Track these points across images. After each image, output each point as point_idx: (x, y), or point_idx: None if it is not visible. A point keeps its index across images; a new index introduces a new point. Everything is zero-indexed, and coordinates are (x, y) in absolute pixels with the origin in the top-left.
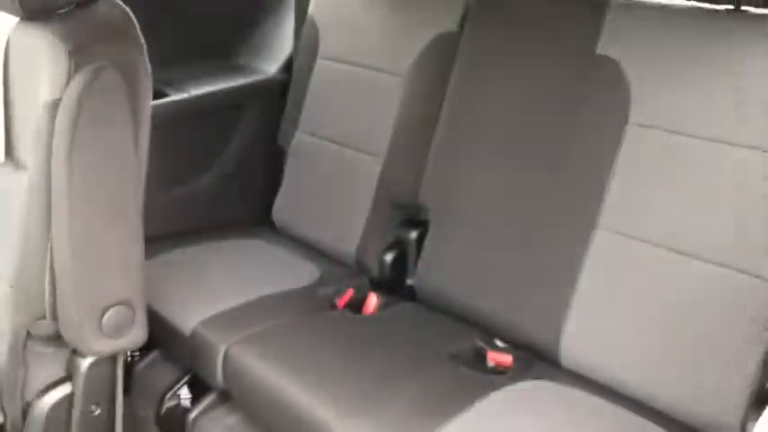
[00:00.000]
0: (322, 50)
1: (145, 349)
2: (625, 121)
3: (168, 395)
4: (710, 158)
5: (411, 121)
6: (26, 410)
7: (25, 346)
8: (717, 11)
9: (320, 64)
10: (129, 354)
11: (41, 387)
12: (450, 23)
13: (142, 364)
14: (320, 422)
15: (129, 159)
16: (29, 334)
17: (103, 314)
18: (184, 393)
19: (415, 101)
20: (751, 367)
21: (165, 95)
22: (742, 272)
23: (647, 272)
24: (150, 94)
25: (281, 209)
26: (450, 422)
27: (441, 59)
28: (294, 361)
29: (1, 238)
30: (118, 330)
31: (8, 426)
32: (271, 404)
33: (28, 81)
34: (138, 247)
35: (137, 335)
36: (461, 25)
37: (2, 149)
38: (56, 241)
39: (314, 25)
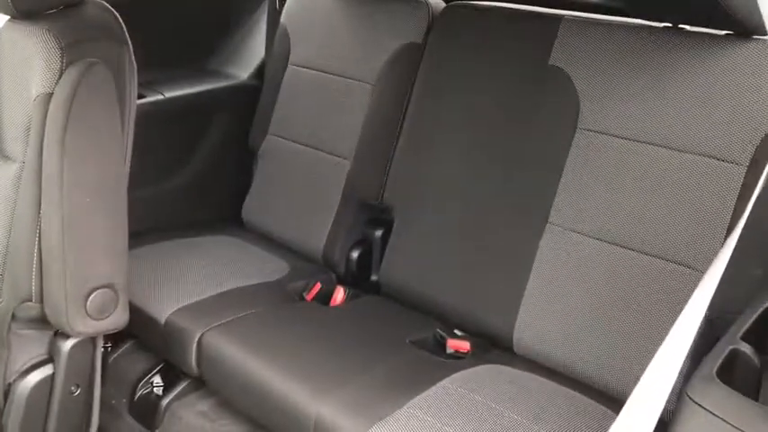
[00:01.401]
0: (293, 57)
1: (119, 340)
2: (574, 126)
3: (141, 383)
4: (650, 161)
5: (377, 125)
6: (7, 391)
7: (9, 328)
8: (657, 28)
9: (291, 70)
10: (103, 344)
11: (23, 368)
12: (415, 35)
13: (116, 354)
14: (291, 401)
15: (116, 151)
16: (13, 316)
17: (89, 296)
18: (157, 381)
19: (381, 106)
20: None
21: (142, 96)
22: (670, 261)
23: (591, 264)
24: (135, 91)
25: (251, 208)
26: (413, 399)
27: (406, 68)
28: (266, 347)
29: None
30: (102, 312)
31: None
32: (243, 388)
33: (17, 76)
34: (122, 235)
35: (119, 317)
36: (426, 36)
37: None
38: (45, 227)
39: (285, 33)
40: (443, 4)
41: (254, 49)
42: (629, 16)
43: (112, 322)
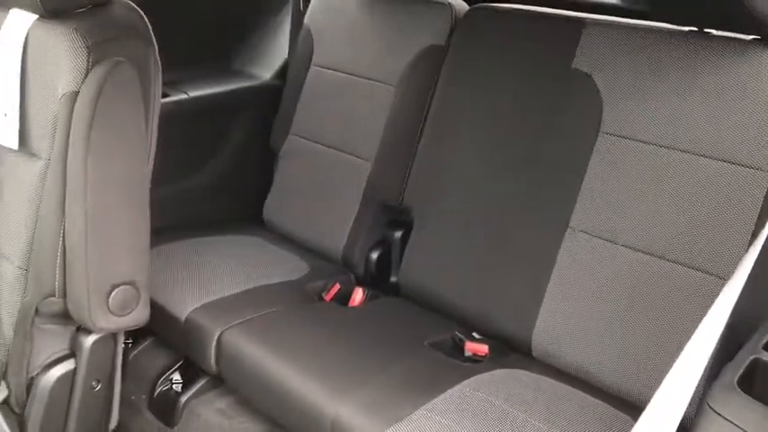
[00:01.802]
0: (316, 58)
1: (140, 336)
2: (597, 129)
3: (161, 379)
4: (673, 166)
5: (399, 126)
6: (30, 385)
7: (33, 323)
8: (682, 31)
9: (313, 71)
10: (123, 340)
11: (46, 362)
12: (438, 37)
13: (137, 350)
14: (309, 401)
15: (140, 150)
16: (37, 311)
17: (111, 293)
18: (177, 378)
19: (403, 108)
20: None
21: (166, 95)
22: (692, 267)
23: (612, 269)
24: (160, 90)
25: (272, 208)
26: (430, 401)
27: (428, 70)
28: (284, 346)
29: (9, 222)
30: (123, 309)
31: (12, 400)
32: (262, 386)
33: (45, 75)
34: (145, 232)
35: (140, 314)
36: (448, 38)
37: (16, 139)
38: (69, 224)
39: (309, 34)
40: (466, 7)
41: (278, 50)
42: (652, 20)
43: (133, 319)
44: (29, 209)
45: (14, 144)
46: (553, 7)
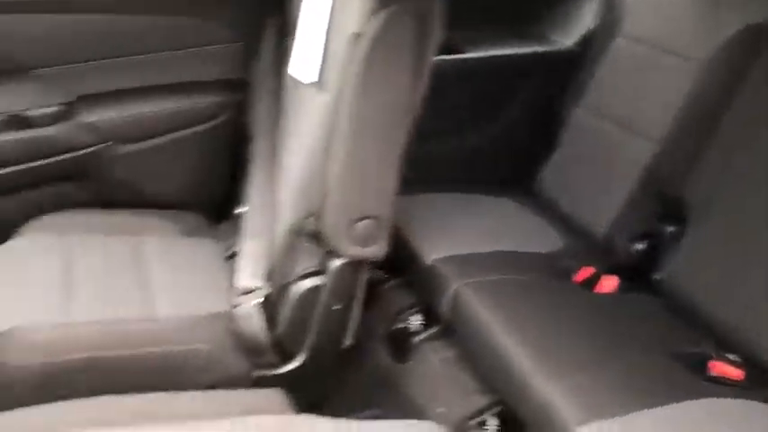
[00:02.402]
0: (624, 29)
1: (391, 273)
2: None
3: (401, 316)
4: None
5: (697, 111)
6: (283, 290)
7: (296, 238)
8: None
9: (618, 42)
10: (383, 275)
11: (299, 274)
12: (762, 15)
13: (386, 286)
14: (524, 375)
15: (405, 97)
16: (300, 229)
17: (356, 223)
18: (415, 319)
19: (706, 91)
20: None
21: (456, 51)
22: None
23: None
24: (436, 45)
25: (546, 178)
26: (644, 410)
27: (744, 52)
28: (516, 314)
29: (294, 148)
30: (365, 240)
31: (270, 299)
32: (483, 348)
33: (344, 13)
34: (394, 175)
35: (380, 248)
36: None
37: (316, 72)
38: (333, 155)
39: (619, 3)
40: None
41: (584, 17)
42: None
43: (373, 251)
44: (311, 136)
45: (312, 79)
46: None
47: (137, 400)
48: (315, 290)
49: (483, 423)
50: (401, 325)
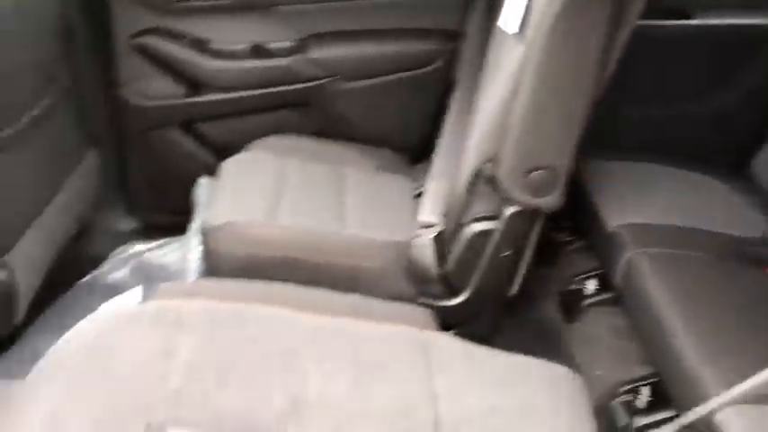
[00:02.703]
0: None
1: (576, 238)
2: None
3: (577, 278)
4: None
5: None
6: (456, 229)
7: (475, 182)
8: None
9: None
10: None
11: (474, 217)
12: None
13: (568, 248)
14: (683, 355)
15: (596, 55)
16: (479, 173)
17: (531, 172)
18: (590, 283)
19: None
20: None
21: (686, 17)
22: None
23: None
24: (640, 8)
25: (762, 163)
26: None
27: None
28: (687, 293)
29: (489, 95)
30: (539, 190)
31: (443, 236)
32: (648, 320)
33: None
34: (575, 132)
35: (554, 199)
36: None
37: (518, 23)
38: (516, 103)
39: None
40: None
41: None
42: None
43: (547, 202)
44: (502, 86)
45: (514, 30)
46: None
47: (313, 293)
48: (486, 233)
49: (636, 391)
50: (576, 287)
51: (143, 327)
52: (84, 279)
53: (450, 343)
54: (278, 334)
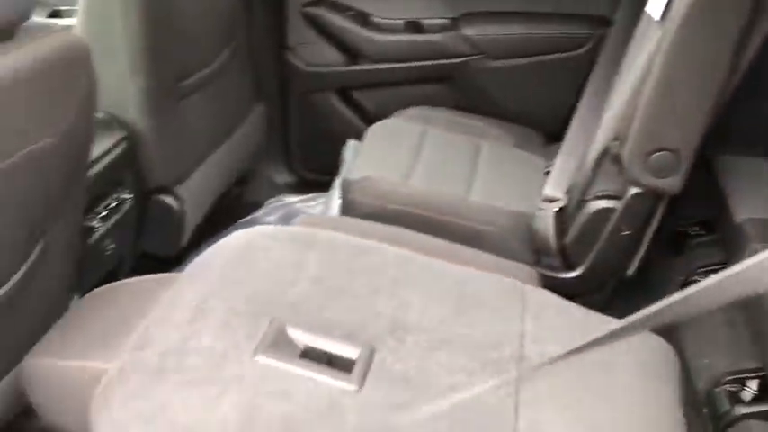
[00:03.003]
0: None
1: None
2: None
3: (700, 270)
4: None
5: None
6: (579, 205)
7: (601, 159)
8: None
9: None
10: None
11: (596, 194)
12: None
13: (696, 240)
14: None
15: (732, 43)
16: (606, 151)
17: (653, 153)
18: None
19: None
20: None
21: None
22: None
23: None
24: None
25: None
26: None
27: None
28: None
29: (626, 77)
30: (659, 171)
31: (566, 211)
32: (760, 314)
33: None
34: (703, 117)
35: (674, 182)
36: None
37: (661, 9)
38: (647, 84)
39: None
40: None
41: None
42: None
43: (667, 183)
44: (639, 68)
45: (658, 16)
46: None
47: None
48: (607, 211)
49: (743, 382)
50: (700, 278)
51: (282, 241)
52: (242, 220)
53: (548, 297)
54: (391, 266)
